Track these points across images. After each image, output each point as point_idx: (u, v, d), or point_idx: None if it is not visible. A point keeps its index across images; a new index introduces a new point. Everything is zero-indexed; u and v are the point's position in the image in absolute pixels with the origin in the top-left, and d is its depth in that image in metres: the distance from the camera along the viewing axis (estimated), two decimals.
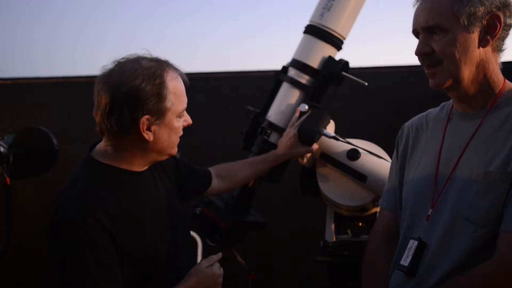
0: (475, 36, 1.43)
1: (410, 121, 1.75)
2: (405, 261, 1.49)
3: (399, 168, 1.69)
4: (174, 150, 1.59)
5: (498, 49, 1.49)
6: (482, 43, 1.44)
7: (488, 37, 1.44)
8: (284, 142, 2.13)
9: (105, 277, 1.38)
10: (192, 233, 3.46)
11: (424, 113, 1.72)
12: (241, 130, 2.35)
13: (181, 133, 1.59)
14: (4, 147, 2.08)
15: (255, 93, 2.42)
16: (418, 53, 1.51)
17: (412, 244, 1.50)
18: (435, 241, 1.46)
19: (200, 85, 3.63)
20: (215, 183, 2.02)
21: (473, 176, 1.42)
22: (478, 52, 1.44)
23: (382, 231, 1.71)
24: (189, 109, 1.60)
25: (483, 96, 1.49)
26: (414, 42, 1.53)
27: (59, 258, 1.40)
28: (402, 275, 1.51)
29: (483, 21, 1.42)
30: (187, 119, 1.59)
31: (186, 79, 1.57)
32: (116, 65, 1.49)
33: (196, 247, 1.73)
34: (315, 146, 2.14)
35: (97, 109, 1.47)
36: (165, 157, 1.60)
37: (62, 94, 3.84)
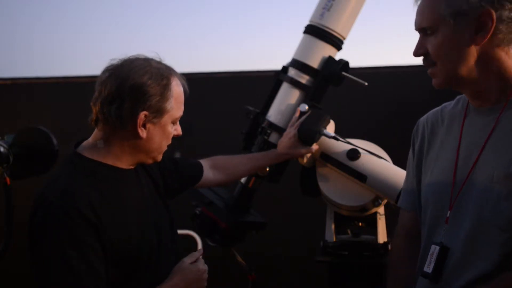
0: (465, 35, 1.38)
1: (425, 117, 1.67)
2: (429, 267, 1.44)
3: (416, 166, 1.64)
4: (160, 157, 1.61)
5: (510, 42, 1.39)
6: (476, 40, 1.37)
7: (483, 34, 1.37)
8: (284, 142, 2.13)
9: (89, 272, 1.37)
10: (192, 233, 3.48)
11: (439, 108, 1.64)
12: (241, 130, 2.35)
13: (170, 141, 1.61)
14: (4, 147, 2.08)
15: (255, 93, 2.43)
16: (414, 54, 1.48)
17: (434, 249, 1.44)
18: (459, 246, 1.40)
19: (200, 85, 3.64)
20: (210, 175, 2.02)
21: (494, 178, 1.36)
22: (473, 50, 1.38)
23: (404, 233, 1.66)
24: (189, 109, 1.61)
25: (497, 91, 1.43)
26: (414, 42, 1.53)
27: (41, 254, 1.39)
28: (427, 282, 1.46)
29: (473, 19, 1.36)
30: (177, 129, 1.61)
31: (187, 90, 1.61)
32: (125, 60, 1.52)
33: (182, 248, 1.72)
34: (315, 146, 2.14)
35: (98, 98, 1.49)
36: (150, 161, 1.60)
37: (62, 94, 3.84)
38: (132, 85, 1.45)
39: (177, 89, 1.55)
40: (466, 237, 1.39)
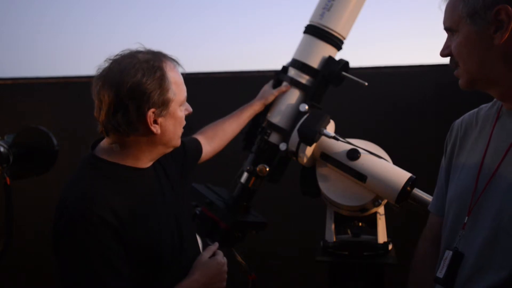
0: (484, 34, 1.32)
1: (460, 119, 1.60)
2: (440, 273, 1.41)
3: (446, 170, 1.59)
4: (179, 142, 1.61)
5: None
6: (496, 39, 1.31)
7: (502, 32, 1.30)
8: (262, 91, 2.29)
9: (112, 275, 1.38)
10: None
11: (475, 110, 1.57)
12: (241, 130, 2.35)
13: (184, 123, 1.60)
14: (4, 147, 2.08)
15: (255, 93, 2.43)
16: (440, 55, 1.45)
17: (448, 254, 1.41)
18: (475, 254, 1.36)
19: (200, 85, 3.63)
20: (207, 147, 2.07)
21: None
22: (495, 49, 1.32)
23: (430, 237, 1.64)
24: None
25: None
26: (414, 42, 1.52)
27: (65, 259, 1.40)
28: None
29: (490, 18, 1.31)
30: (187, 108, 1.60)
31: (183, 68, 1.58)
32: (112, 63, 1.48)
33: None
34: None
35: (100, 109, 1.46)
36: (170, 150, 1.61)
37: (62, 94, 3.84)
38: (128, 88, 1.42)
39: (173, 74, 1.51)
40: (482, 244, 1.34)
